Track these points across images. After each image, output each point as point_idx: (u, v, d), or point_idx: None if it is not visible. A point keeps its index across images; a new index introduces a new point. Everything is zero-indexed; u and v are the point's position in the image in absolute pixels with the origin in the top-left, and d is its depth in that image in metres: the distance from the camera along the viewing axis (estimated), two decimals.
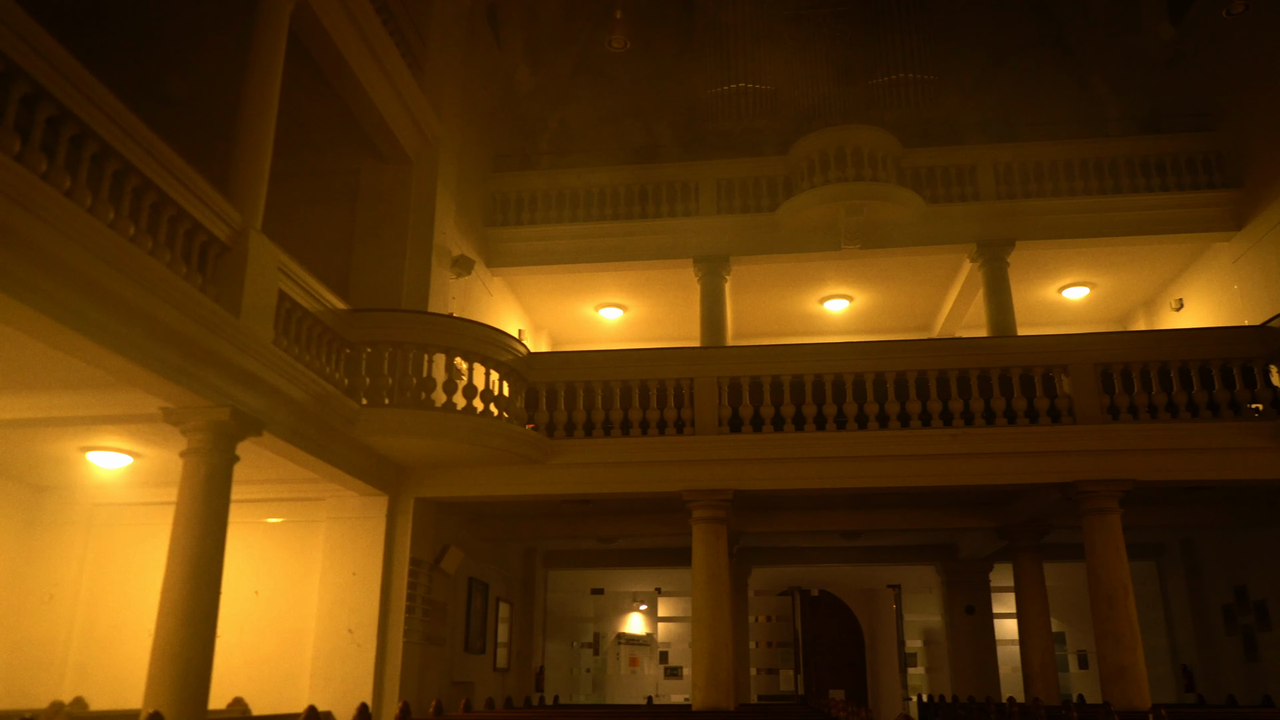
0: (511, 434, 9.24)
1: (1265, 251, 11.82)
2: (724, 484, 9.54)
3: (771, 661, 16.42)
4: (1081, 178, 12.84)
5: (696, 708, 9.13)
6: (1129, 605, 9.03)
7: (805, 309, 14.86)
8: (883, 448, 9.50)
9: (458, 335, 9.23)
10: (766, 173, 13.36)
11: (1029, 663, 11.37)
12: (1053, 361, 9.66)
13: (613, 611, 17.02)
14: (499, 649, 12.35)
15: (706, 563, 9.51)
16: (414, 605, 9.49)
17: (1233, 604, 12.50)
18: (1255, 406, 9.31)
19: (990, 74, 14.84)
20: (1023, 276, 13.22)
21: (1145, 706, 8.39)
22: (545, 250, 13.37)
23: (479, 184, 13.25)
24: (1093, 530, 9.31)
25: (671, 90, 15.44)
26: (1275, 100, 11.54)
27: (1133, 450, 9.26)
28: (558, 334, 15.75)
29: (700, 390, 9.84)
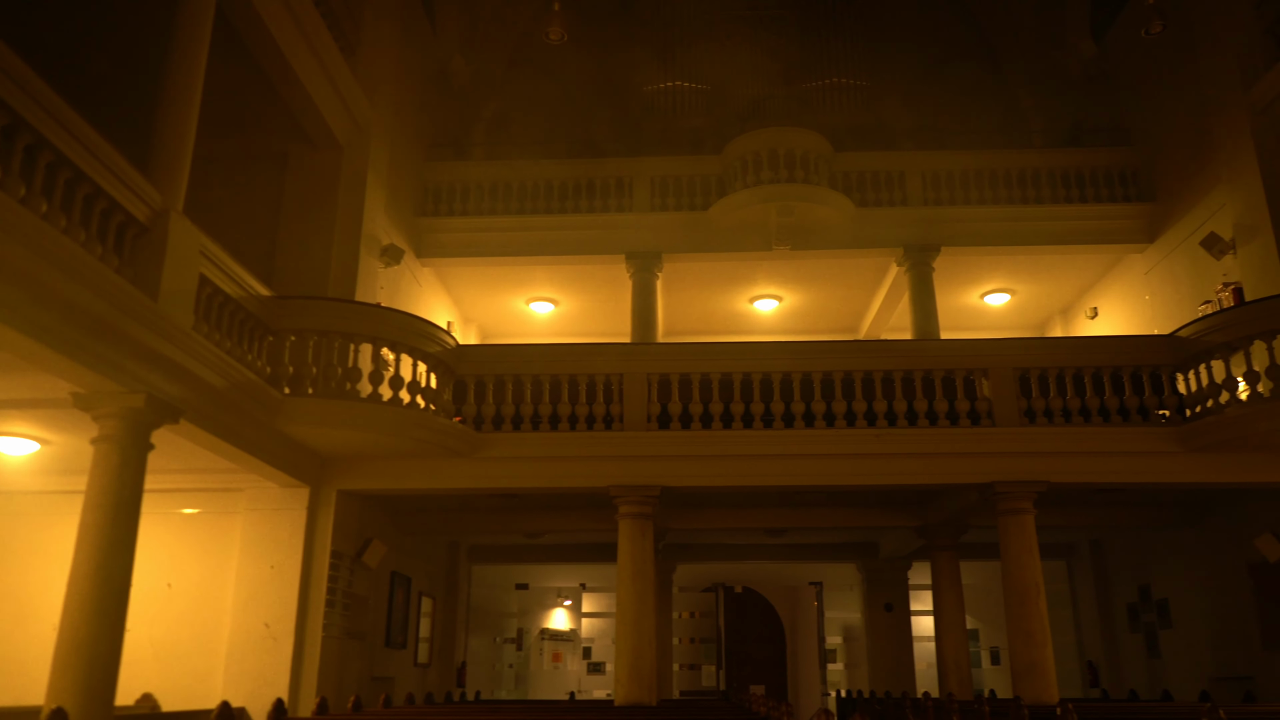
0: (438, 427, 9.13)
1: (1175, 264, 12.30)
2: (652, 480, 9.57)
3: (694, 657, 16.55)
4: (1005, 187, 13.20)
5: (619, 703, 9.15)
6: (1040, 603, 9.31)
7: (735, 308, 14.99)
8: (808, 446, 9.63)
9: (385, 325, 9.08)
10: (701, 171, 13.44)
11: (944, 659, 11.64)
12: (974, 365, 9.90)
13: (537, 607, 16.96)
14: (421, 644, 12.20)
15: (632, 558, 9.53)
16: (334, 599, 9.32)
17: (1137, 602, 12.99)
18: (1162, 413, 9.67)
19: (922, 82, 15.14)
20: (947, 282, 13.52)
21: (1053, 701, 8.65)
22: (477, 242, 13.25)
23: (411, 173, 13.06)
24: (1008, 530, 9.57)
25: (609, 85, 15.41)
26: (1186, 119, 12.00)
27: (1047, 453, 9.54)
28: (488, 327, 15.61)
29: (630, 386, 9.85)
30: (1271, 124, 10.45)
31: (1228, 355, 9.15)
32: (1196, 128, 11.70)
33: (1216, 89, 11.20)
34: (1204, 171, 11.55)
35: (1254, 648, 10.38)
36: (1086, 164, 13.29)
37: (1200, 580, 11.47)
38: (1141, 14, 11.74)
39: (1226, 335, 9.13)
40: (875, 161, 13.49)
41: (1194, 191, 11.81)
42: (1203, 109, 11.51)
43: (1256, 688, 10.14)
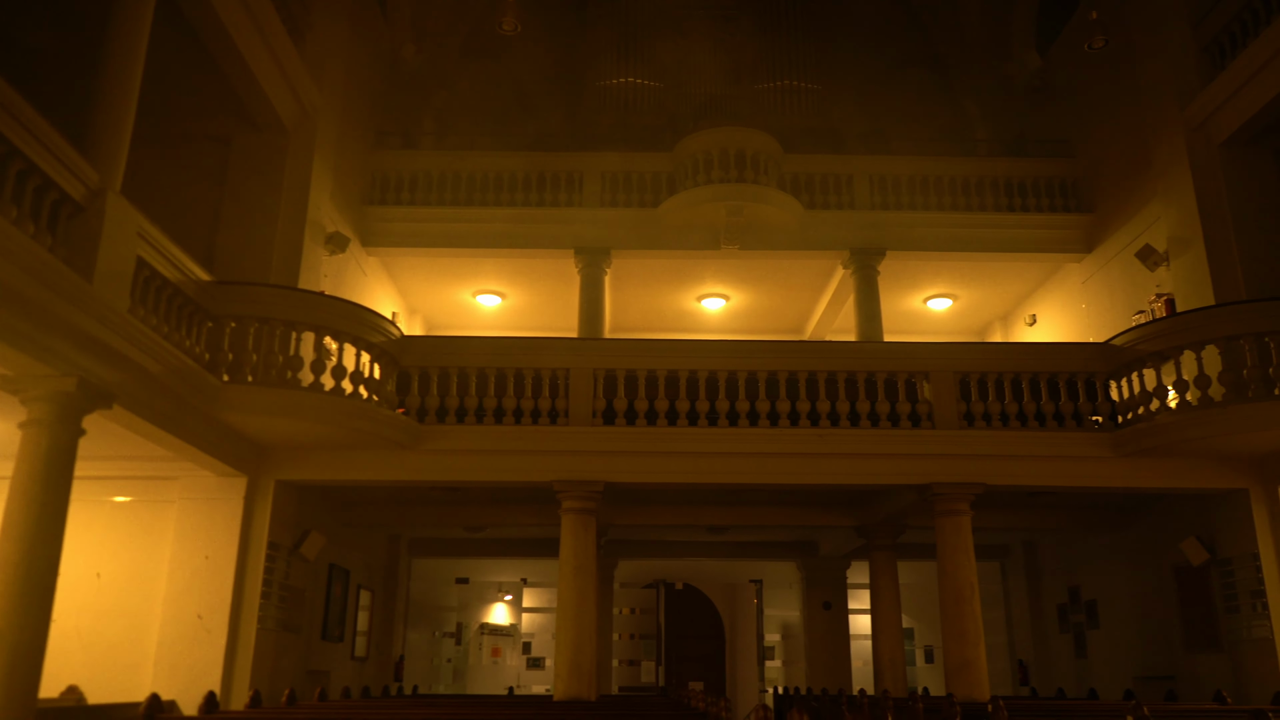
0: (381, 418, 9.03)
1: (1111, 274, 12.62)
2: (595, 475, 9.57)
3: (634, 653, 16.59)
4: (950, 194, 13.43)
5: (558, 698, 9.14)
6: (975, 603, 9.50)
7: (683, 306, 15.04)
8: (752, 445, 9.70)
9: (329, 314, 8.96)
10: (652, 168, 13.46)
11: (880, 656, 11.82)
12: (916, 368, 10.06)
13: (477, 601, 16.86)
14: (358, 637, 12.06)
15: (574, 553, 9.52)
16: (270, 591, 9.17)
17: (1066, 603, 13.31)
18: (1096, 418, 9.92)
19: (872, 87, 15.32)
20: (891, 285, 13.71)
21: (985, 698, 8.83)
22: (425, 232, 13.11)
23: (359, 160, 12.88)
24: (945, 531, 9.74)
25: (562, 78, 15.35)
26: (1125, 133, 12.32)
27: (985, 456, 9.73)
28: (433, 319, 15.46)
29: (576, 381, 9.83)
30: (1205, 141, 10.77)
31: (1159, 364, 9.42)
32: (1135, 142, 12.02)
33: (1154, 105, 11.51)
34: (1141, 185, 11.87)
35: (1176, 649, 10.70)
36: (1029, 174, 13.57)
37: (1127, 582, 11.80)
38: (1084, 29, 12.02)
39: (1158, 345, 9.40)
40: (824, 164, 13.63)
41: (1131, 204, 12.13)
42: (1141, 124, 11.82)
43: (1178, 687, 10.46)
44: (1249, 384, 8.74)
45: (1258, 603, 9.35)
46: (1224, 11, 10.60)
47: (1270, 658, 9.13)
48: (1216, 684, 9.57)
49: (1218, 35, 10.71)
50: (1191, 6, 11.10)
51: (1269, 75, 9.79)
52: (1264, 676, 9.17)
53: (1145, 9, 11.73)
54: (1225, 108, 10.45)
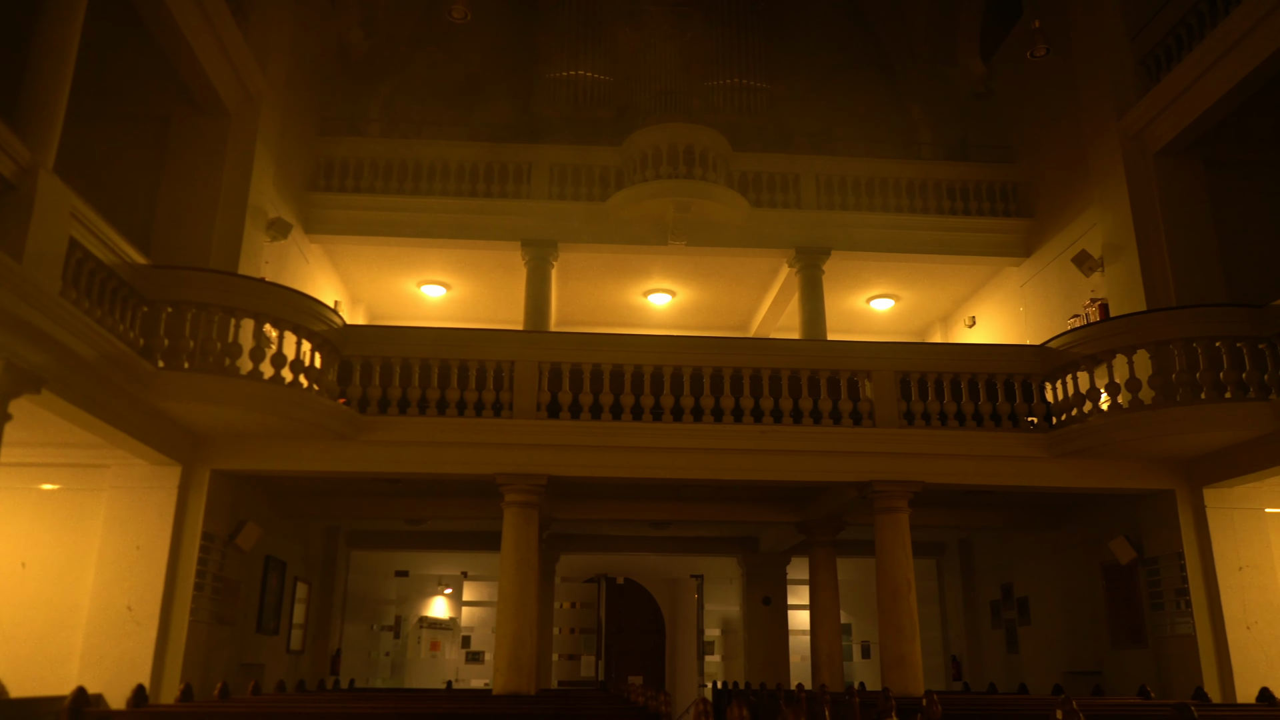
0: (321, 407, 8.89)
1: (1048, 279, 12.92)
2: (539, 469, 9.54)
3: (574, 648, 16.56)
4: (894, 195, 13.62)
5: (497, 692, 9.09)
6: (911, 599, 9.66)
7: (629, 300, 15.05)
8: (696, 441, 9.74)
9: (269, 300, 8.78)
10: (600, 162, 13.43)
11: (818, 651, 11.97)
12: (858, 367, 10.19)
13: (416, 595, 16.68)
14: (294, 630, 11.87)
15: (516, 547, 9.47)
16: (203, 583, 8.98)
17: (999, 600, 13.61)
18: (1031, 419, 10.15)
19: (820, 88, 15.48)
20: (835, 284, 13.87)
21: (919, 692, 8.99)
22: (370, 221, 12.92)
23: (303, 145, 12.65)
24: (884, 528, 9.89)
25: (512, 70, 15.24)
26: (1064, 141, 12.61)
27: (924, 455, 9.90)
28: (376, 308, 15.26)
29: (521, 374, 9.78)
30: (1141, 151, 11.07)
31: (1092, 367, 9.66)
32: (1073, 149, 12.31)
33: (1092, 114, 11.79)
34: (1078, 192, 12.16)
35: (1103, 644, 11.01)
36: (971, 178, 13.82)
37: (1058, 580, 12.10)
38: (1027, 38, 12.27)
39: (1092, 348, 9.64)
40: (772, 163, 13.73)
41: (1068, 210, 12.42)
42: (1079, 132, 12.10)
43: (1104, 682, 10.77)
44: (1177, 388, 9.01)
45: (1181, 600, 9.66)
46: (1160, 26, 10.90)
47: (1192, 654, 9.44)
48: (1141, 679, 9.86)
49: (1154, 48, 11.01)
50: (1129, 20, 11.39)
51: (1201, 89, 10.10)
52: (1186, 672, 9.48)
53: (1085, 20, 12.01)
54: (1160, 119, 10.75)
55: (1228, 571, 9.49)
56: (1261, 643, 9.32)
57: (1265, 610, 9.43)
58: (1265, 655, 9.27)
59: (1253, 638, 9.33)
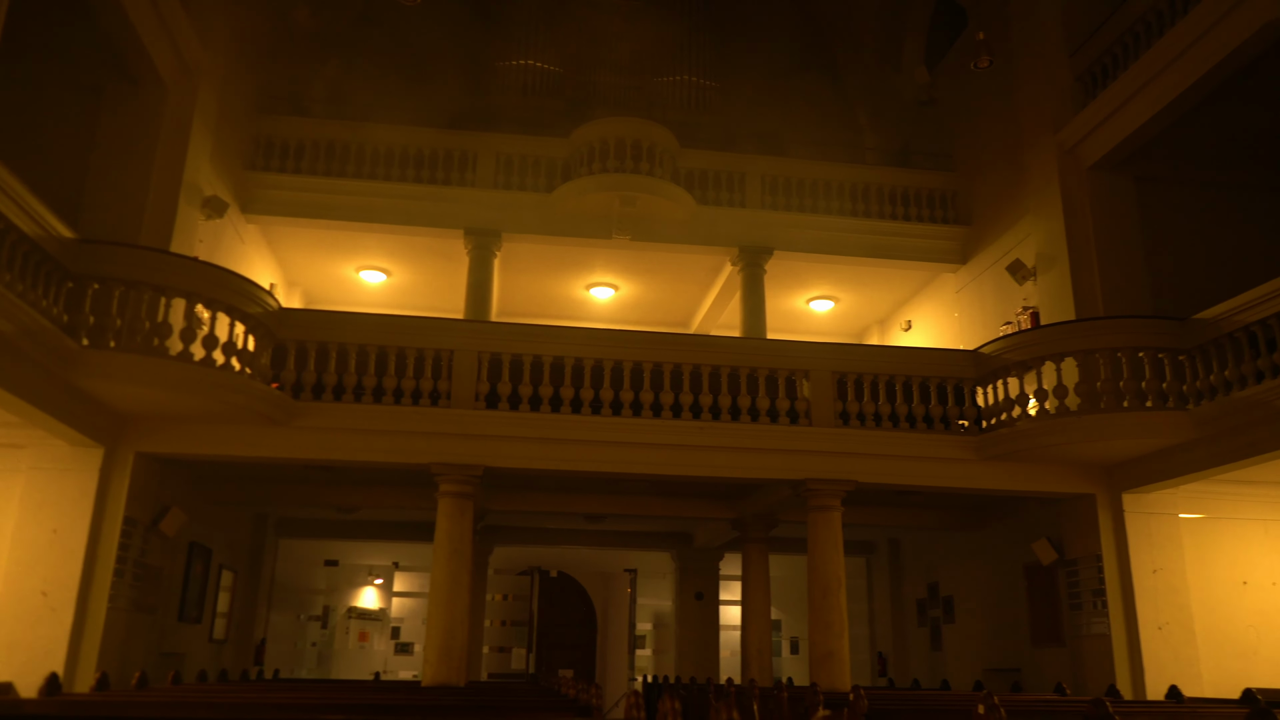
0: (253, 391, 8.70)
1: (982, 286, 13.20)
2: (475, 460, 9.47)
3: (505, 640, 16.51)
4: (838, 199, 13.77)
5: (426, 683, 9.01)
6: (841, 596, 9.81)
7: (571, 293, 15.01)
8: (635, 435, 9.76)
9: (202, 280, 8.57)
10: (547, 153, 13.35)
11: (748, 647, 12.09)
12: (797, 366, 10.30)
13: (346, 584, 16.46)
14: (217, 619, 11.62)
15: (450, 538, 9.40)
16: (124, 569, 8.74)
17: (925, 599, 13.90)
18: (962, 422, 10.37)
19: (768, 89, 15.59)
20: (777, 284, 14.00)
21: (846, 688, 9.13)
22: (309, 203, 12.67)
23: (243, 123, 12.35)
24: (816, 525, 10.03)
25: (460, 56, 15.07)
26: (1001, 151, 12.88)
27: (857, 454, 10.05)
28: (313, 292, 14.98)
29: (460, 363, 9.70)
30: (1075, 164, 11.36)
31: (1022, 373, 9.90)
32: (1011, 161, 12.58)
33: (1031, 127, 12.07)
34: (1014, 202, 12.44)
35: (1023, 642, 11.30)
36: (912, 184, 14.05)
37: (982, 580, 12.39)
38: (971, 48, 12.51)
39: (1022, 355, 9.88)
40: (718, 161, 13.79)
41: (1004, 220, 12.70)
42: (1018, 144, 12.38)
43: (1023, 679, 11.06)
44: (1102, 396, 9.28)
45: (1098, 601, 9.96)
46: (1097, 44, 11.19)
47: (1106, 652, 9.75)
48: (1058, 676, 10.15)
49: (1091, 66, 11.30)
50: (1069, 36, 11.67)
51: (1133, 107, 10.40)
52: (1100, 670, 9.78)
53: (1027, 35, 12.28)
54: (1094, 134, 11.04)
55: (1142, 574, 9.82)
56: (1172, 643, 9.66)
57: (1176, 612, 9.77)
58: (1175, 655, 9.61)
59: (1164, 638, 9.66)
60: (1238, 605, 10.17)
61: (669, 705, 4.33)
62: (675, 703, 4.36)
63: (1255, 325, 8.40)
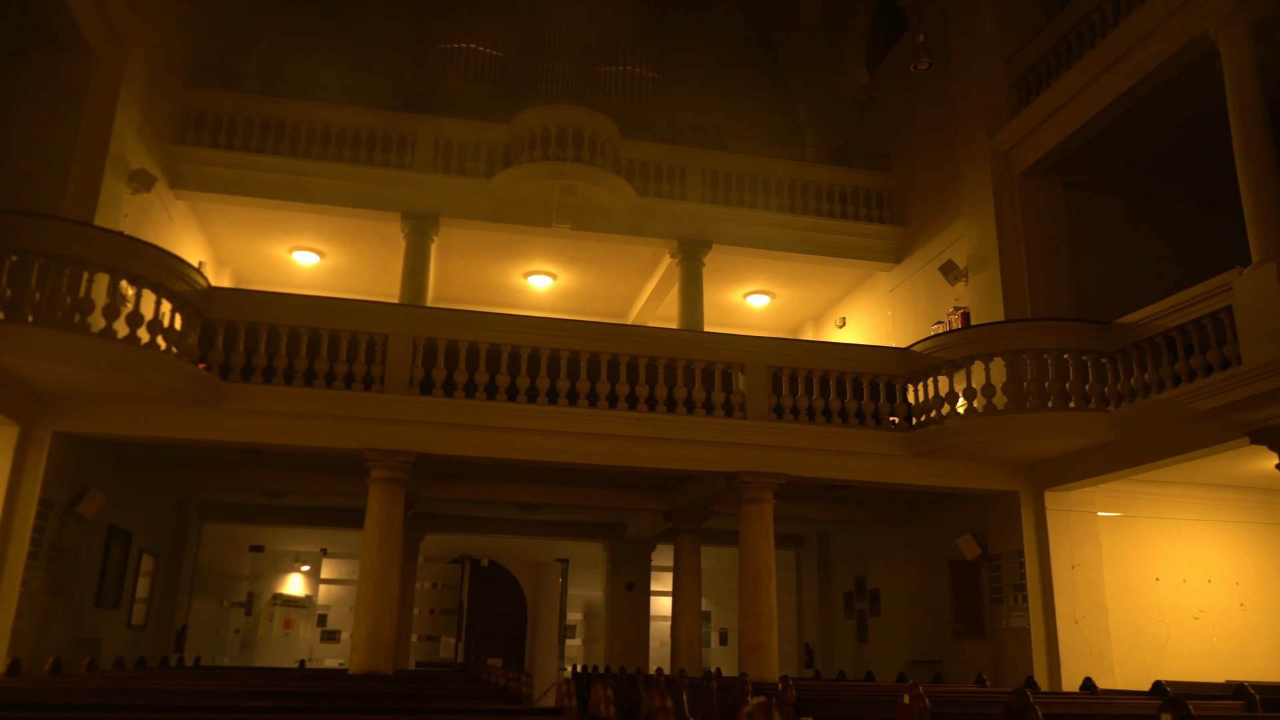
0: (179, 371, 8.47)
1: (915, 286, 13.45)
2: (409, 446, 9.35)
3: (434, 629, 16.34)
4: (777, 195, 13.90)
5: (353, 671, 8.90)
6: (771, 588, 9.93)
7: (509, 281, 14.90)
8: (570, 424, 9.73)
9: (127, 255, 8.30)
10: (487, 138, 13.22)
11: (678, 638, 12.16)
12: (733, 359, 10.37)
13: (271, 571, 16.13)
14: (136, 605, 11.30)
15: (380, 524, 9.28)
16: (39, 551, 8.45)
17: (853, 592, 14.14)
18: (893, 419, 10.57)
19: (711, 82, 15.65)
20: (715, 278, 14.08)
21: (774, 679, 9.25)
22: (242, 180, 12.35)
23: (173, 95, 11.98)
24: (748, 518, 10.13)
25: (400, 36, 14.82)
26: (937, 154, 13.14)
27: (791, 448, 10.17)
28: (244, 272, 14.63)
29: (395, 348, 9.56)
30: (1008, 169, 11.63)
31: (952, 372, 10.12)
32: (946, 163, 12.83)
33: (966, 131, 12.32)
34: (949, 204, 12.69)
35: (946, 635, 11.58)
36: (850, 183, 14.24)
37: (908, 574, 12.65)
38: (911, 51, 12.71)
39: (952, 354, 10.09)
40: (659, 153, 13.81)
41: (938, 221, 12.95)
42: (953, 147, 12.63)
43: (945, 670, 11.32)
44: (1027, 396, 9.53)
45: (1019, 595, 10.25)
46: (1032, 53, 11.46)
47: (1025, 645, 10.05)
48: (978, 668, 10.41)
49: (1025, 73, 11.57)
50: (1005, 44, 11.93)
51: (1063, 116, 10.70)
52: (1019, 662, 10.07)
53: (964, 41, 12.52)
54: (1026, 140, 11.32)
55: (1061, 569, 10.12)
56: (1087, 636, 9.99)
57: (1092, 607, 10.10)
58: (1089, 647, 9.94)
59: (1080, 631, 9.98)
60: (1150, 601, 10.54)
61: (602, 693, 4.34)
62: (608, 690, 4.37)
63: (1174, 331, 8.71)
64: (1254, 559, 10.94)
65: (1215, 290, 8.24)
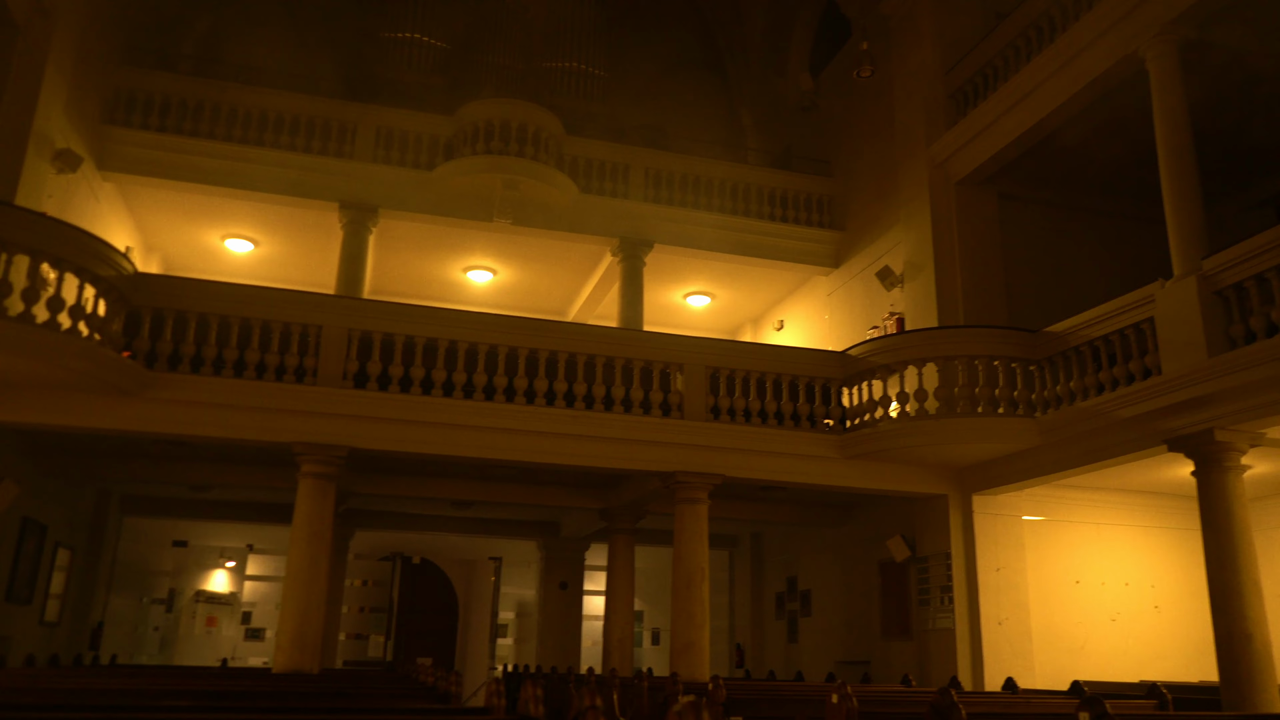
0: (102, 359, 8.19)
1: (852, 291, 13.63)
2: (340, 440, 9.18)
3: (363, 627, 16.11)
4: (719, 196, 13.98)
5: (277, 670, 8.70)
6: (704, 588, 9.97)
7: (448, 275, 14.75)
8: (507, 421, 9.65)
9: (49, 237, 7.99)
10: (430, 130, 13.06)
11: (610, 637, 12.16)
12: (672, 359, 10.38)
13: (195, 566, 15.74)
14: (50, 600, 10.93)
15: (309, 520, 9.10)
16: None
17: (785, 592, 14.28)
18: (828, 421, 10.68)
19: (657, 82, 15.68)
20: (656, 277, 14.11)
21: (706, 678, 9.28)
22: (174, 163, 12.00)
23: (104, 73, 11.60)
24: (683, 518, 10.15)
25: (343, 22, 14.57)
26: (877, 161, 13.33)
27: (727, 449, 10.21)
28: (174, 259, 14.24)
29: (329, 340, 9.37)
30: (945, 178, 11.84)
31: (886, 376, 10.27)
32: (885, 171, 13.02)
33: (905, 139, 12.51)
34: (887, 211, 12.88)
35: (874, 636, 11.75)
36: (791, 187, 14.38)
37: (839, 575, 12.81)
38: (855, 58, 12.87)
39: (886, 358, 10.24)
40: (603, 151, 13.78)
41: (876, 227, 13.14)
42: (892, 154, 12.82)
43: (872, 670, 11.49)
44: (958, 401, 9.71)
45: (945, 596, 10.44)
46: (970, 65, 11.69)
47: (950, 645, 10.24)
48: (905, 668, 10.59)
49: (964, 84, 11.80)
50: (944, 55, 12.15)
51: (999, 128, 10.93)
52: (944, 661, 10.26)
53: (906, 50, 12.72)
54: (963, 150, 11.54)
55: (987, 571, 10.34)
56: (1010, 637, 10.21)
57: (1015, 609, 10.33)
58: (1012, 648, 10.17)
59: (1003, 632, 10.21)
60: (1070, 603, 10.83)
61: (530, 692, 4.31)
62: (537, 689, 4.33)
63: (1099, 340, 8.95)
64: (1169, 563, 11.31)
65: (1139, 302, 8.49)
